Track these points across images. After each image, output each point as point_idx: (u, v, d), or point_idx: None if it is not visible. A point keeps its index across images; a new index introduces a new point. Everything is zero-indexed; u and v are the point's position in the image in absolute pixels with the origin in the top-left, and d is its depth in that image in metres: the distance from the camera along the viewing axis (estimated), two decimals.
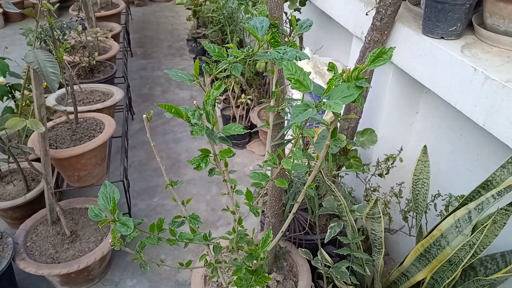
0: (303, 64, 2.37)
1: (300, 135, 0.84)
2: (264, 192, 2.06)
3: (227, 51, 0.88)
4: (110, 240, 0.79)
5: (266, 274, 0.90)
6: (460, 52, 1.32)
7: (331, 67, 0.81)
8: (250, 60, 3.19)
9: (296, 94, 2.15)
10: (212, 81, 0.91)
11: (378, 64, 0.76)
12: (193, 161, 0.88)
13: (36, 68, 1.62)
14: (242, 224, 1.10)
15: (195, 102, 0.83)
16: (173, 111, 0.79)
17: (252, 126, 3.15)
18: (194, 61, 4.30)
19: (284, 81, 1.17)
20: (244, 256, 0.98)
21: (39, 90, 1.75)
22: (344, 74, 0.77)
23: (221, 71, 0.87)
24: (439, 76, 1.37)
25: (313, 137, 2.21)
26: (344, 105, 0.81)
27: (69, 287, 2.03)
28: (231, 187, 1.05)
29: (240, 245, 1.13)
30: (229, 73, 2.95)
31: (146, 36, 5.25)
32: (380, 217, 1.14)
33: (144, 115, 0.93)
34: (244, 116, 3.15)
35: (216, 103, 3.57)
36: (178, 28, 5.50)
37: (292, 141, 0.85)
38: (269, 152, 1.05)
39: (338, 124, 2.21)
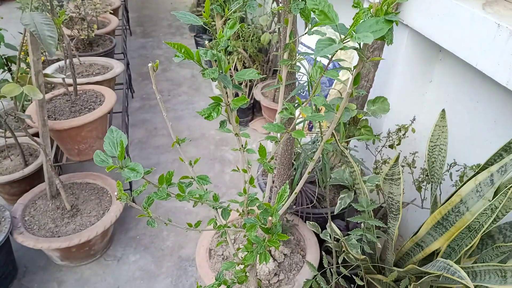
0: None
1: (320, 83, 0.77)
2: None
3: None
4: (115, 193, 0.73)
5: (281, 234, 0.84)
6: (481, 9, 1.25)
7: (356, 3, 0.74)
8: (253, 36, 3.10)
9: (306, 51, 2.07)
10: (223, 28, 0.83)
11: None
12: (204, 111, 0.82)
13: (33, 30, 1.54)
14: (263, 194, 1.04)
15: (206, 42, 0.76)
16: (183, 51, 0.72)
17: (255, 102, 3.08)
18: (195, 40, 4.20)
19: (296, 34, 1.09)
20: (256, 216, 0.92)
21: (36, 56, 1.67)
22: (372, 9, 0.70)
23: (234, 12, 0.80)
24: (459, 35, 1.30)
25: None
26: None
27: (69, 262, 1.98)
28: (242, 145, 0.99)
29: (250, 208, 1.07)
30: (232, 50, 2.80)
31: (145, 15, 5.14)
32: (400, 178, 1.08)
33: (150, 64, 0.86)
34: (247, 93, 3.07)
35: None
36: (178, 7, 5.38)
37: (312, 87, 0.78)
38: (283, 107, 0.98)
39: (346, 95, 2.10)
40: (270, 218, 0.81)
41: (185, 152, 3.09)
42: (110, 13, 3.08)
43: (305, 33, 1.00)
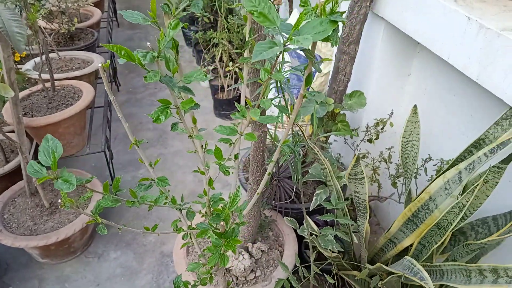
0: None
1: (269, 81, 0.75)
2: (246, 162, 1.98)
3: None
4: (59, 201, 0.71)
5: (236, 238, 0.83)
6: (453, 2, 1.22)
7: (304, 2, 0.71)
8: (239, 28, 3.06)
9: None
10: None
11: None
12: (153, 114, 0.80)
13: (0, 27, 1.50)
14: (229, 193, 1.03)
15: (148, 43, 0.74)
16: (123, 53, 0.70)
17: (241, 95, 3.05)
18: (182, 31, 4.15)
19: (260, 29, 1.06)
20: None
21: (7, 53, 1.64)
22: (317, 9, 0.68)
23: (182, 10, 0.77)
24: (432, 28, 1.27)
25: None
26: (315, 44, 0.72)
27: (50, 260, 1.97)
28: (202, 146, 0.97)
29: (213, 209, 1.05)
30: (218, 42, 2.75)
31: (133, 6, 5.07)
32: (364, 177, 1.07)
33: (100, 64, 0.84)
34: (232, 85, 3.04)
35: (205, 74, 3.45)
36: None
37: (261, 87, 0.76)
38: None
39: (326, 89, 2.06)
40: (222, 223, 0.79)
41: (170, 146, 3.07)
42: (91, 5, 3.02)
43: (263, 32, 0.97)
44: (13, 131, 2.25)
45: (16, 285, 1.93)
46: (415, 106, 1.31)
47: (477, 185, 1.00)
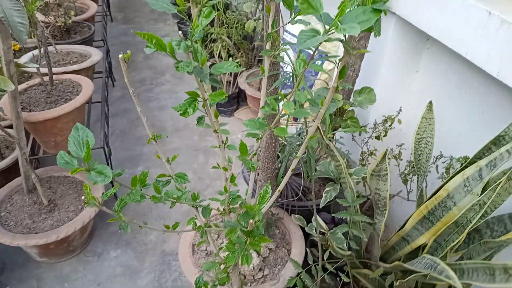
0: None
1: (303, 78, 0.72)
2: (257, 158, 1.95)
3: None
4: (82, 197, 0.67)
5: (263, 236, 0.80)
6: None
7: None
8: (238, 23, 3.02)
9: (291, 39, 2.01)
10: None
11: None
12: (180, 106, 0.76)
13: (1, 17, 1.45)
14: (246, 189, 0.99)
15: (180, 32, 0.70)
16: (154, 42, 0.66)
17: (240, 91, 3.02)
18: (178, 27, 4.09)
19: (281, 22, 1.04)
20: (237, 218, 0.88)
21: (7, 44, 1.58)
22: None
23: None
24: (449, 24, 1.26)
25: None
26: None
27: (48, 258, 1.92)
28: (222, 141, 0.93)
29: (232, 207, 1.03)
30: (216, 37, 2.71)
31: (127, 1, 4.99)
32: (387, 174, 1.05)
33: (120, 55, 0.80)
34: (231, 82, 3.00)
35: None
36: None
37: (295, 82, 0.73)
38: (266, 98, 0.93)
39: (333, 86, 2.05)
40: (251, 221, 0.76)
41: (169, 143, 3.03)
42: None
43: (289, 22, 0.94)
44: (9, 126, 2.18)
45: (13, 285, 1.87)
46: (430, 102, 1.30)
47: (501, 182, 0.99)
